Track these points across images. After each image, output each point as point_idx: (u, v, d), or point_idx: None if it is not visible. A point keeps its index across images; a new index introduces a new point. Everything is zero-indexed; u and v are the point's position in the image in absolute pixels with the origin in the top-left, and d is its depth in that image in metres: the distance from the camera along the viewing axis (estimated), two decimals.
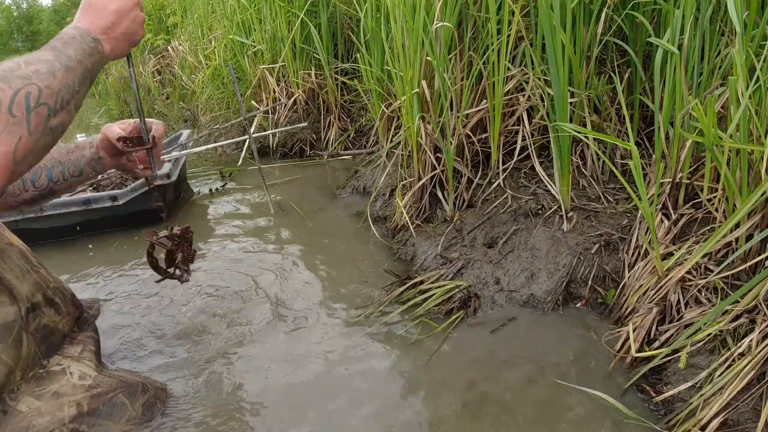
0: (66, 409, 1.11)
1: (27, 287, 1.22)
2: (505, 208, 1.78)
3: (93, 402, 1.15)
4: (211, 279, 1.85)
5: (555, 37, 1.51)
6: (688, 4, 1.34)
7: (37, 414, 1.09)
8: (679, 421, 1.08)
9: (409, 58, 1.80)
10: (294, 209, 2.42)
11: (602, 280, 1.54)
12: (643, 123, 1.87)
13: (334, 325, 1.53)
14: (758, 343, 1.08)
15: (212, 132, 3.52)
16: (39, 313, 1.22)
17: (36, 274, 1.27)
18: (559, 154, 1.67)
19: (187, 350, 1.47)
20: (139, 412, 1.20)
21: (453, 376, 1.30)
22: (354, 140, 3.22)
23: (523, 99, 1.83)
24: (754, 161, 1.18)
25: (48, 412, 1.09)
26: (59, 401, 1.12)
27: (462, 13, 1.83)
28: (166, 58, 5.41)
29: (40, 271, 1.29)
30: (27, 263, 1.26)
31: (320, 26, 3.07)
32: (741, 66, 1.14)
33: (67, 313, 1.31)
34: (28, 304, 1.20)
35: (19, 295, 1.18)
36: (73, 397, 1.13)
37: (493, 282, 1.58)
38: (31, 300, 1.22)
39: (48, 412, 1.09)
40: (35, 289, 1.24)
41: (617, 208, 1.68)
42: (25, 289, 1.21)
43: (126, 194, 2.25)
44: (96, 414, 1.14)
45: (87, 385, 1.17)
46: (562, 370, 1.29)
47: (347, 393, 1.27)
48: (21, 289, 1.20)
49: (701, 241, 1.37)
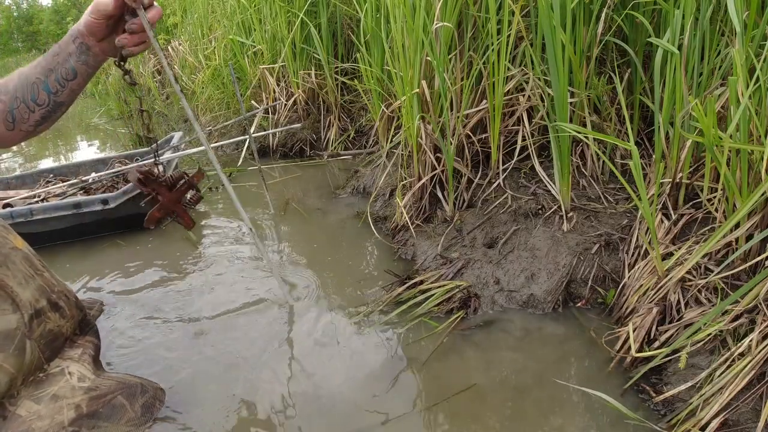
0: (65, 412, 1.10)
1: (30, 293, 1.21)
2: (505, 208, 1.78)
3: (92, 404, 1.14)
4: (211, 279, 1.85)
5: (555, 37, 1.51)
6: (688, 4, 1.34)
7: (36, 418, 1.08)
8: (679, 421, 1.08)
9: (409, 58, 1.80)
10: (294, 209, 2.42)
11: (602, 280, 1.54)
12: (643, 123, 1.87)
13: (334, 325, 1.53)
14: (758, 343, 1.07)
15: (212, 132, 3.52)
16: (44, 319, 1.22)
17: (40, 278, 1.26)
18: (559, 154, 1.67)
19: (186, 351, 1.47)
20: (139, 413, 1.19)
21: (452, 375, 1.30)
22: (354, 140, 3.22)
23: (523, 99, 1.83)
24: (754, 161, 1.18)
25: (47, 415, 1.09)
26: (58, 404, 1.11)
27: (462, 13, 1.83)
28: (167, 58, 5.41)
29: (45, 275, 1.28)
30: (31, 267, 1.25)
31: (320, 26, 3.07)
32: (741, 66, 1.14)
33: (71, 317, 1.30)
34: (31, 311, 1.19)
35: (21, 302, 1.17)
36: (72, 399, 1.13)
37: (493, 282, 1.58)
38: (35, 306, 1.20)
39: (47, 415, 1.09)
40: (39, 294, 1.23)
41: (617, 208, 1.68)
42: (28, 296, 1.20)
43: (117, 197, 2.21)
44: (95, 416, 1.13)
45: (86, 387, 1.16)
46: (562, 370, 1.29)
47: (347, 393, 1.27)
48: (24, 296, 1.18)
49: (701, 241, 1.37)
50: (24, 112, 1.21)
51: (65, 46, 1.19)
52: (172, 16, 5.23)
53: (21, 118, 1.21)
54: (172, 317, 1.64)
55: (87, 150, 5.23)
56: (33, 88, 1.20)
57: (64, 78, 1.20)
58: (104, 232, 2.33)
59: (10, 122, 1.21)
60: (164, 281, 1.88)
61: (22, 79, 1.20)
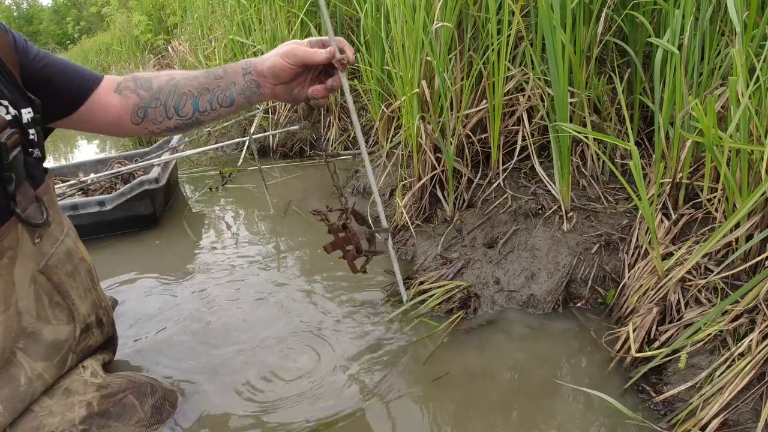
0: (77, 410, 1.10)
1: (86, 307, 1.22)
2: (505, 208, 1.78)
3: (103, 402, 1.13)
4: (211, 280, 1.85)
5: (555, 37, 1.51)
6: (688, 4, 1.34)
7: (48, 414, 1.08)
8: (679, 421, 1.08)
9: (409, 58, 1.80)
10: (294, 209, 2.42)
11: (602, 280, 1.54)
12: (643, 123, 1.87)
13: (334, 325, 1.53)
14: (758, 343, 1.07)
15: (211, 132, 3.52)
16: (89, 334, 1.23)
17: (95, 292, 1.27)
18: (559, 154, 1.67)
19: (191, 353, 1.47)
20: (149, 414, 1.18)
21: (452, 375, 1.30)
22: (354, 140, 3.22)
23: (523, 99, 1.83)
24: (754, 161, 1.18)
25: (59, 412, 1.08)
26: (70, 400, 1.10)
27: (462, 13, 1.83)
28: (166, 58, 5.41)
29: (97, 289, 1.29)
30: (90, 281, 1.26)
31: (320, 26, 3.07)
32: (741, 66, 1.14)
33: (106, 333, 1.32)
34: (83, 325, 1.20)
35: (77, 315, 1.18)
36: (84, 396, 1.12)
37: (493, 282, 1.58)
38: (86, 320, 1.22)
39: (59, 412, 1.08)
40: (92, 310, 1.25)
41: (617, 208, 1.68)
42: (84, 310, 1.21)
43: (114, 199, 2.20)
44: (106, 415, 1.13)
45: (98, 384, 1.16)
46: (562, 370, 1.29)
47: (347, 392, 1.27)
48: (81, 309, 1.20)
49: (701, 241, 1.37)
50: (159, 115, 1.21)
51: (232, 75, 1.20)
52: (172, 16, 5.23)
53: (153, 119, 1.22)
54: (172, 317, 1.64)
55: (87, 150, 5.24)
56: (181, 99, 1.20)
57: (219, 103, 1.20)
58: (102, 234, 2.33)
59: (139, 117, 1.22)
60: (164, 281, 1.88)
61: (171, 84, 1.21)
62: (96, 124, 1.24)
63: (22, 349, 1.06)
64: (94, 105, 1.20)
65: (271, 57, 1.15)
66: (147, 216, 2.35)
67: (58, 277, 1.14)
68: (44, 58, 1.15)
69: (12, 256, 1.03)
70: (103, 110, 1.21)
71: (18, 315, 1.05)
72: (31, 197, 1.09)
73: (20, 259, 1.05)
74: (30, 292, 1.07)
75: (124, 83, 1.22)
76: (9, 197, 1.02)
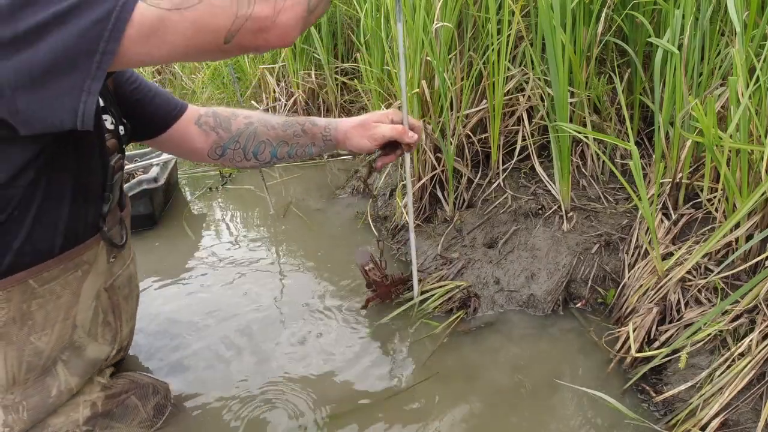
0: (81, 410, 1.10)
1: (126, 332, 1.26)
2: (505, 208, 1.78)
3: (107, 403, 1.14)
4: (211, 280, 1.85)
5: (555, 37, 1.51)
6: (688, 4, 1.34)
7: (52, 413, 1.08)
8: (679, 421, 1.08)
9: (409, 59, 1.80)
10: (293, 209, 2.42)
11: (602, 280, 1.54)
12: (643, 123, 1.87)
13: (334, 325, 1.53)
14: (758, 343, 1.08)
15: None
16: (117, 356, 1.26)
17: (134, 319, 1.31)
18: (559, 154, 1.67)
19: (191, 353, 1.47)
20: (151, 414, 1.18)
21: (451, 376, 1.30)
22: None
23: (523, 99, 1.83)
24: (754, 161, 1.18)
25: (63, 411, 1.08)
26: (75, 400, 1.10)
27: (462, 13, 1.83)
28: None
29: (136, 316, 1.33)
30: (135, 308, 1.31)
31: (320, 26, 3.07)
32: (741, 66, 1.14)
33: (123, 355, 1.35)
34: (119, 347, 1.23)
35: (119, 337, 1.21)
36: (89, 396, 1.12)
37: (493, 282, 1.58)
38: (122, 344, 1.25)
39: (63, 411, 1.08)
40: (129, 335, 1.29)
41: (617, 208, 1.68)
42: (124, 334, 1.24)
43: None
44: (109, 416, 1.13)
45: (102, 384, 1.16)
46: (562, 370, 1.29)
47: (347, 392, 1.27)
48: (123, 333, 1.23)
49: (701, 241, 1.37)
50: (238, 156, 1.29)
51: (311, 136, 1.30)
52: None
53: (231, 158, 1.30)
54: (173, 317, 1.64)
55: None
56: (260, 146, 1.29)
57: (297, 155, 1.31)
58: None
59: (217, 154, 1.29)
60: (163, 281, 1.88)
61: (250, 130, 1.28)
62: (173, 150, 1.33)
63: (64, 361, 1.07)
64: (175, 133, 1.25)
65: (356, 137, 1.28)
66: (146, 216, 2.34)
67: (117, 297, 1.17)
68: (136, 81, 1.19)
69: (86, 270, 1.05)
70: (182, 140, 1.27)
71: (73, 327, 1.06)
72: (117, 219, 1.14)
73: (92, 274, 1.07)
74: (90, 307, 1.09)
75: (204, 117, 1.27)
76: (101, 216, 1.06)
